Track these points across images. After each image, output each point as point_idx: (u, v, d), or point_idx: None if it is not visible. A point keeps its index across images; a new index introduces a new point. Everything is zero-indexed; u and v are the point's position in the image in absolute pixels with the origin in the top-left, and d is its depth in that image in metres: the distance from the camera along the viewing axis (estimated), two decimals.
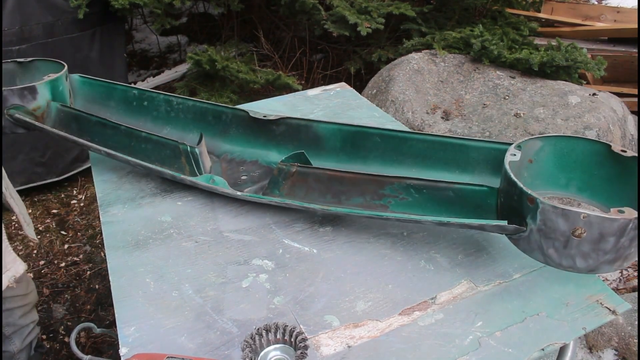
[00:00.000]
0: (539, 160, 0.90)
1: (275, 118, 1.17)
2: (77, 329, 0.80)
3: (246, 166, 1.17)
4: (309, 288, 0.86)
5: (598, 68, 2.36)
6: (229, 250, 0.95)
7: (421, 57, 2.65)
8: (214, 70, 2.77)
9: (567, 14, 3.14)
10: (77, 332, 0.80)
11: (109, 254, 0.94)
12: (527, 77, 2.48)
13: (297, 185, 1.01)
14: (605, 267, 0.75)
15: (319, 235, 0.98)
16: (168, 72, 3.59)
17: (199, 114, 1.24)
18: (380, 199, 0.96)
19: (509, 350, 0.75)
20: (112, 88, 1.31)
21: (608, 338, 1.71)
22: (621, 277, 1.99)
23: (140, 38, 4.23)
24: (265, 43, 3.36)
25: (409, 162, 1.08)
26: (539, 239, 0.76)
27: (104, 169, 1.21)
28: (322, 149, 1.14)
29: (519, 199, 0.77)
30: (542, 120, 2.18)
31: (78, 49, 2.58)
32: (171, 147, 1.07)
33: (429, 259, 0.92)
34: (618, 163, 0.84)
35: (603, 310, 0.81)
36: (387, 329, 0.79)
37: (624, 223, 0.69)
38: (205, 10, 4.14)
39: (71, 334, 0.78)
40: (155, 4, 2.75)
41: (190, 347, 0.76)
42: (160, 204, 1.08)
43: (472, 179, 1.02)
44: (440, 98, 2.46)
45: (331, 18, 2.83)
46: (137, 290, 0.86)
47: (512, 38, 2.73)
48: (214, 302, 0.84)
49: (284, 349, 0.72)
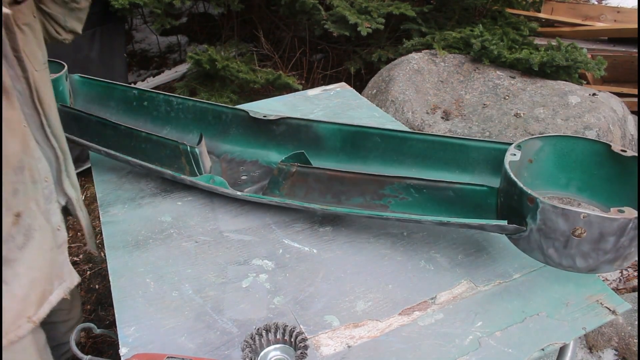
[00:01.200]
0: (539, 160, 0.90)
1: (275, 118, 1.17)
2: (77, 329, 0.80)
3: (246, 166, 1.17)
4: (309, 288, 0.86)
5: (598, 68, 2.36)
6: (229, 250, 0.95)
7: (421, 57, 2.65)
8: (214, 70, 2.76)
9: (567, 14, 3.14)
10: (77, 332, 0.80)
11: (109, 254, 0.94)
12: (527, 77, 2.47)
13: (297, 185, 1.01)
14: (605, 266, 0.75)
15: (319, 235, 0.98)
16: (168, 72, 3.59)
17: (199, 114, 1.24)
18: (380, 199, 0.96)
19: (509, 350, 0.75)
20: (112, 88, 1.31)
21: (608, 338, 1.71)
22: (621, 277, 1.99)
23: (140, 38, 4.22)
24: (265, 43, 3.36)
25: (409, 162, 1.08)
26: (539, 239, 0.76)
27: (104, 169, 1.21)
28: (322, 149, 1.14)
29: (519, 199, 0.77)
30: (542, 120, 2.18)
31: (78, 49, 2.58)
32: (171, 147, 1.07)
33: (429, 259, 0.92)
34: (618, 163, 0.84)
35: (603, 310, 0.81)
36: (387, 329, 0.79)
37: (623, 223, 0.69)
38: (205, 10, 4.14)
39: (71, 334, 0.78)
40: (155, 4, 2.75)
41: (190, 347, 0.76)
42: (160, 204, 1.08)
43: (472, 179, 1.02)
44: (440, 98, 2.46)
45: (331, 18, 2.82)
46: (137, 290, 0.86)
47: (512, 38, 2.73)
48: (214, 302, 0.84)
49: (284, 349, 0.72)
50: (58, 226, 0.91)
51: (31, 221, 0.81)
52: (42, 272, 0.84)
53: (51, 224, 0.89)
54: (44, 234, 0.85)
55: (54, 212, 0.90)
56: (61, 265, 0.90)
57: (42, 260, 0.85)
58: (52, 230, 0.89)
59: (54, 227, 0.90)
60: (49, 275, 0.86)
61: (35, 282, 0.82)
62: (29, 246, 0.81)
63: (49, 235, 0.88)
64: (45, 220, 0.86)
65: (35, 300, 0.83)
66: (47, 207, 0.88)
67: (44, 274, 0.85)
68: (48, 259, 0.87)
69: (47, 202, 0.88)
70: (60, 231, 0.92)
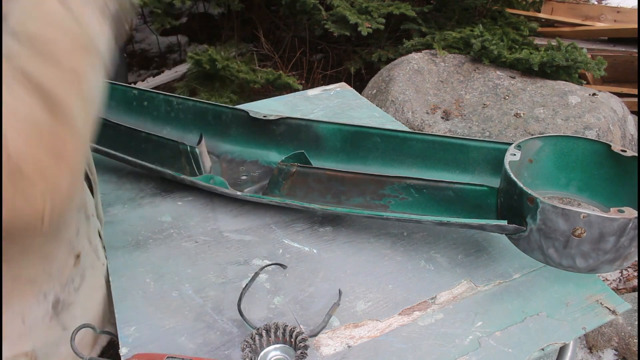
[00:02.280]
0: (539, 160, 0.90)
1: (275, 118, 1.17)
2: (77, 329, 0.79)
3: (246, 166, 1.17)
4: (309, 288, 0.86)
5: (598, 68, 2.37)
6: (229, 250, 0.95)
7: (421, 57, 2.65)
8: (214, 70, 2.77)
9: (567, 14, 3.14)
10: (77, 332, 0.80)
11: (109, 254, 0.94)
12: (527, 77, 2.47)
13: (297, 185, 1.01)
14: (605, 266, 0.75)
15: (319, 235, 0.98)
16: (168, 72, 3.59)
17: (199, 114, 1.24)
18: (380, 199, 0.96)
19: (509, 350, 0.75)
20: (112, 88, 1.31)
21: (608, 338, 1.71)
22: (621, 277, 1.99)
23: (140, 38, 4.23)
24: (265, 43, 3.36)
25: (409, 162, 1.08)
26: (539, 239, 0.76)
27: (104, 169, 1.21)
28: (322, 149, 1.14)
29: (518, 199, 0.77)
30: (542, 120, 2.18)
31: None
32: (171, 147, 1.07)
33: (429, 259, 0.92)
34: (618, 163, 0.84)
35: (603, 310, 0.81)
36: (387, 329, 0.79)
37: (623, 222, 0.69)
38: (205, 10, 4.14)
39: (71, 334, 0.78)
40: (155, 4, 2.75)
41: (190, 347, 0.76)
42: (160, 204, 1.08)
43: (472, 179, 1.02)
44: (440, 98, 2.46)
45: (331, 18, 2.83)
46: (137, 290, 0.86)
47: (512, 38, 2.73)
48: (214, 302, 0.84)
49: (284, 349, 0.72)
50: (103, 262, 0.89)
51: (86, 260, 0.78)
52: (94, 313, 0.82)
53: (100, 260, 0.86)
54: (95, 273, 0.82)
55: (100, 248, 0.88)
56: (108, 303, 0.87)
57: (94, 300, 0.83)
58: (101, 267, 0.87)
59: (102, 262, 0.88)
60: (101, 315, 0.84)
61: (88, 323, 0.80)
62: (83, 286, 0.78)
63: (100, 273, 0.85)
64: (96, 257, 0.83)
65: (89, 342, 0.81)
66: (95, 243, 0.85)
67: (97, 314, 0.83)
68: (99, 298, 0.84)
69: (95, 238, 0.85)
70: (104, 266, 0.90)
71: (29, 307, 0.69)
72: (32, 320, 0.70)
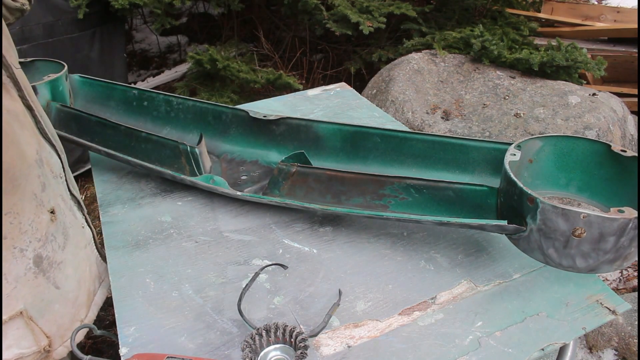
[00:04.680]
0: (539, 160, 0.90)
1: (275, 118, 1.17)
2: (77, 330, 0.80)
3: (246, 166, 1.17)
4: (309, 288, 0.86)
5: (598, 68, 2.36)
6: (229, 250, 0.95)
7: (421, 57, 2.65)
8: (214, 69, 2.76)
9: (567, 14, 3.14)
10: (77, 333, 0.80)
11: (109, 254, 0.94)
12: (527, 77, 2.47)
13: (297, 185, 1.01)
14: (605, 266, 0.75)
15: (319, 235, 0.98)
16: (168, 72, 3.59)
17: (199, 114, 1.24)
18: (380, 199, 0.96)
19: (509, 350, 0.75)
20: (112, 88, 1.31)
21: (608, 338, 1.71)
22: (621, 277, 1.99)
23: (140, 38, 4.22)
24: (266, 43, 3.36)
25: (409, 162, 1.08)
26: (539, 239, 0.76)
27: (104, 169, 1.21)
28: (322, 149, 1.14)
29: (518, 199, 0.77)
30: (542, 120, 2.18)
31: (78, 49, 2.58)
32: (171, 147, 1.07)
33: (429, 259, 0.92)
34: (618, 163, 0.84)
35: (603, 310, 0.81)
36: (387, 329, 0.79)
37: (623, 223, 0.69)
38: (205, 10, 4.14)
39: (71, 335, 0.78)
40: (155, 4, 2.75)
41: (190, 347, 0.76)
42: (160, 204, 1.08)
43: (472, 179, 1.02)
44: (440, 98, 2.46)
45: (333, 17, 2.83)
46: (137, 290, 0.86)
47: (512, 38, 2.73)
48: (214, 302, 0.84)
49: (284, 349, 0.72)
50: (82, 224, 0.89)
51: (64, 218, 0.78)
52: (85, 272, 0.82)
53: (78, 220, 0.86)
54: (76, 232, 0.82)
55: (76, 209, 0.87)
56: (97, 264, 0.87)
57: (81, 260, 0.82)
58: (80, 227, 0.86)
59: (80, 224, 0.87)
60: (91, 275, 0.84)
61: (81, 283, 0.80)
62: (69, 245, 0.78)
63: (80, 232, 0.84)
64: (73, 217, 0.83)
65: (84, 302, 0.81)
66: (70, 204, 0.84)
67: (87, 273, 0.83)
68: (85, 257, 0.84)
69: (69, 198, 0.84)
70: (84, 228, 0.89)
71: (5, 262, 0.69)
72: (14, 276, 0.70)
